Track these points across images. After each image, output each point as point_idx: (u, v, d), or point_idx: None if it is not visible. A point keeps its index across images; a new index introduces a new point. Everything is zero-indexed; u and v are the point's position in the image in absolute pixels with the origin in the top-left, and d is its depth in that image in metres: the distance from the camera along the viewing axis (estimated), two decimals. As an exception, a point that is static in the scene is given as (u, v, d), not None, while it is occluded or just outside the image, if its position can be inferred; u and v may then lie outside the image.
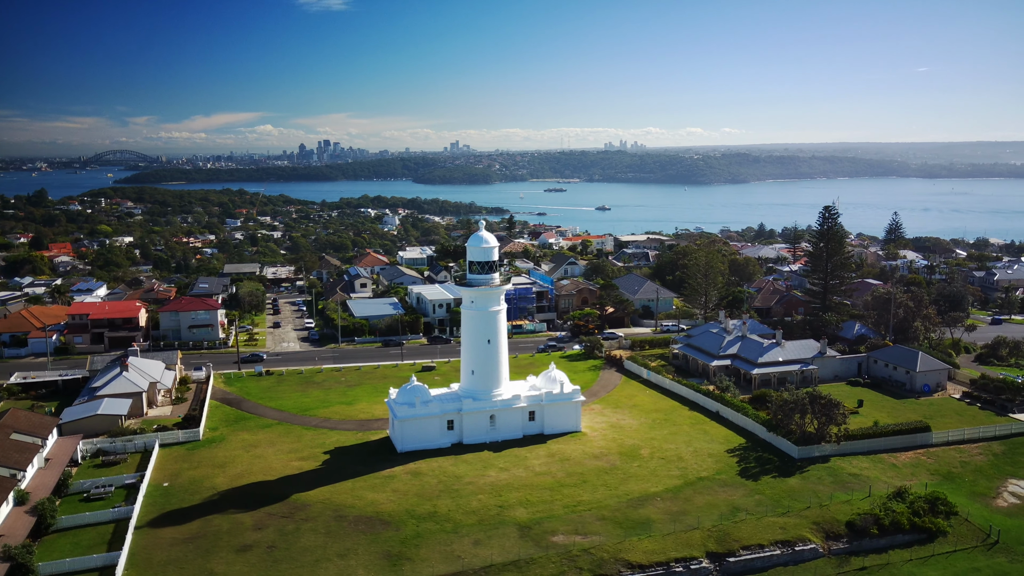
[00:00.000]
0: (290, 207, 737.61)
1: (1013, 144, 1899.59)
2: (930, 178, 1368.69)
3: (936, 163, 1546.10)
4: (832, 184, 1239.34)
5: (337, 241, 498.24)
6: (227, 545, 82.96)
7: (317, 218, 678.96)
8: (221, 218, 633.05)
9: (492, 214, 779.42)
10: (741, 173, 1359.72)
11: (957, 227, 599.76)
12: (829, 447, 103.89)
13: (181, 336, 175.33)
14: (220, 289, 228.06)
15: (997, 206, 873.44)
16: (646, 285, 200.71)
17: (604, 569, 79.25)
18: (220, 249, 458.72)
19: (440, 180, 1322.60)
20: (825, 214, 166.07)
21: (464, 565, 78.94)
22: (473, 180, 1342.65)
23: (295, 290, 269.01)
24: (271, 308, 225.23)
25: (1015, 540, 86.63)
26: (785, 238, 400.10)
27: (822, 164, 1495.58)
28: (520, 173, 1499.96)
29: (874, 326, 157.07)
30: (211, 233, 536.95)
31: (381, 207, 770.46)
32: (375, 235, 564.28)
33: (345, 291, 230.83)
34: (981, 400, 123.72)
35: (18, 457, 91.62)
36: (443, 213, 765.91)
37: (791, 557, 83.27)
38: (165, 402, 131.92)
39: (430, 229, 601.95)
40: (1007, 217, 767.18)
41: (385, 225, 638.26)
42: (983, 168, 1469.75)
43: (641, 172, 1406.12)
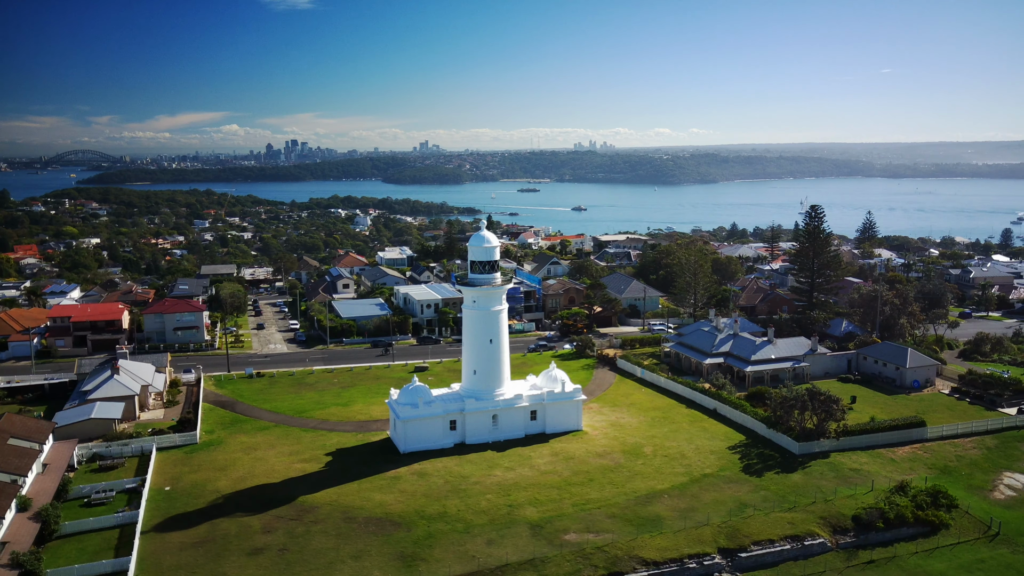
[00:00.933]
0: (259, 208, 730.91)
1: (974, 144, 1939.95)
2: (895, 178, 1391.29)
3: (900, 163, 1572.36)
4: (799, 184, 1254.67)
5: (309, 242, 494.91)
6: (237, 549, 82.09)
7: (287, 219, 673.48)
8: (189, 219, 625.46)
9: (464, 214, 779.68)
10: (710, 173, 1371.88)
11: (923, 226, 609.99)
12: (828, 443, 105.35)
13: (166, 338, 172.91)
14: (200, 291, 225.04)
15: (960, 205, 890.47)
16: (632, 284, 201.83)
17: (619, 566, 79.67)
18: (190, 250, 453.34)
19: (410, 180, 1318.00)
20: (811, 213, 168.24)
21: (480, 565, 78.88)
22: (444, 180, 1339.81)
23: (274, 291, 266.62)
24: (252, 310, 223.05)
25: (1015, 532, 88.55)
26: (759, 237, 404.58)
27: (789, 164, 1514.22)
28: (491, 173, 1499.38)
29: (860, 323, 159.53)
30: (180, 234, 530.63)
31: (352, 207, 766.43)
32: (347, 235, 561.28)
33: (327, 292, 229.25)
34: (970, 395, 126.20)
35: (18, 463, 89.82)
36: (415, 213, 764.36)
37: (801, 551, 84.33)
38: (157, 405, 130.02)
39: (403, 229, 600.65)
40: (971, 216, 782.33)
41: (357, 225, 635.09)
42: (946, 168, 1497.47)
43: (611, 172, 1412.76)
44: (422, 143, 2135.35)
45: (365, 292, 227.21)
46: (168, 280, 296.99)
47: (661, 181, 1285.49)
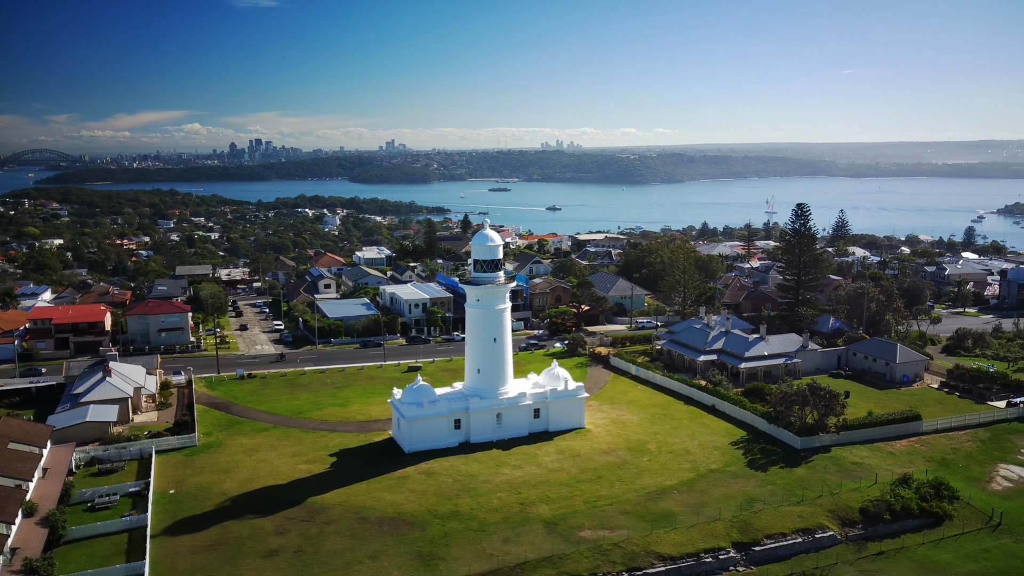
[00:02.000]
0: (225, 207, 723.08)
1: (934, 144, 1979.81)
2: (857, 177, 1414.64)
3: (863, 163, 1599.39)
4: (765, 183, 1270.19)
5: (278, 242, 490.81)
6: (251, 551, 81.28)
7: (254, 218, 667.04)
8: (153, 219, 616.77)
9: (433, 213, 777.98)
10: (676, 173, 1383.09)
11: (886, 225, 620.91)
12: (829, 437, 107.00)
13: (150, 340, 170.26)
14: (179, 292, 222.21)
15: (921, 204, 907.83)
16: (618, 283, 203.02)
17: (636, 562, 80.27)
18: (156, 251, 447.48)
19: (377, 179, 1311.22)
20: (798, 212, 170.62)
21: (499, 563, 78.94)
22: (411, 179, 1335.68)
23: (252, 292, 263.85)
24: (232, 311, 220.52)
25: (1015, 522, 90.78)
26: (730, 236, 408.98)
27: (754, 164, 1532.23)
28: (459, 172, 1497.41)
29: (847, 320, 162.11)
30: (145, 235, 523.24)
31: (319, 207, 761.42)
32: (316, 235, 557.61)
33: (309, 292, 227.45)
34: (959, 389, 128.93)
35: (21, 467, 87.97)
36: (383, 213, 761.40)
37: (812, 544, 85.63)
38: (150, 408, 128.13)
39: (372, 229, 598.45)
40: (932, 215, 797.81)
41: (326, 225, 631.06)
42: (907, 167, 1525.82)
43: (579, 172, 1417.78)
44: (388, 142, 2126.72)
45: (348, 292, 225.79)
46: (141, 281, 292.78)
47: (628, 181, 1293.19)
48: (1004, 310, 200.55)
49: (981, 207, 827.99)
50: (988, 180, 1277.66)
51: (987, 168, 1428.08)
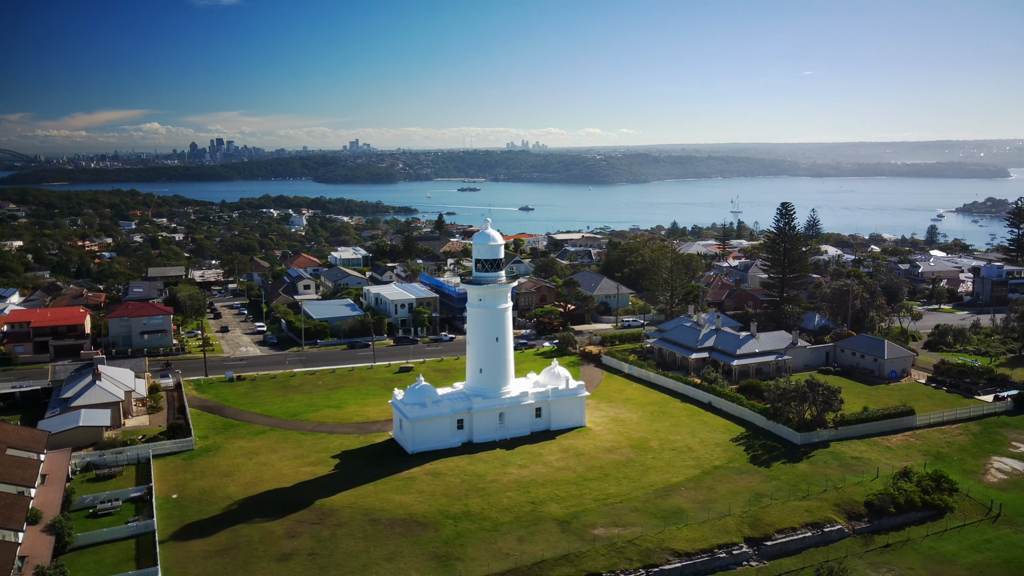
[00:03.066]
0: (188, 208, 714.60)
1: (892, 145, 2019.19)
2: (819, 177, 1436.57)
3: (824, 163, 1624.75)
4: (729, 183, 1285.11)
5: (244, 243, 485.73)
6: (264, 555, 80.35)
7: (218, 219, 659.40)
8: (114, 220, 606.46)
9: (400, 213, 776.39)
10: (642, 173, 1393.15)
11: (849, 223, 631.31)
12: (827, 433, 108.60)
13: (132, 343, 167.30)
14: (156, 293, 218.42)
15: (883, 203, 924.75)
16: (603, 282, 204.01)
17: (652, 558, 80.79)
18: (120, 252, 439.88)
19: (342, 179, 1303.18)
20: (782, 211, 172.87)
21: (517, 562, 78.93)
22: (377, 179, 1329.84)
23: (228, 293, 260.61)
24: (210, 312, 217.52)
25: (1014, 513, 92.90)
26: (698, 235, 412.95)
27: (718, 164, 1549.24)
28: (425, 172, 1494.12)
29: (832, 317, 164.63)
30: (107, 236, 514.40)
31: (284, 207, 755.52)
32: (283, 236, 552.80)
33: (288, 293, 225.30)
34: (947, 384, 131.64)
35: (22, 473, 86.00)
36: (350, 213, 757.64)
37: (821, 538, 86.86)
38: (141, 411, 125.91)
39: (340, 229, 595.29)
40: (893, 214, 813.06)
41: (292, 226, 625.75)
42: (867, 167, 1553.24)
43: (545, 172, 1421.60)
44: (352, 142, 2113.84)
45: (329, 293, 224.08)
46: (111, 283, 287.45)
47: (595, 181, 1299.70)
48: (978, 306, 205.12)
49: (940, 206, 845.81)
50: (945, 180, 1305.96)
51: (944, 168, 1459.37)
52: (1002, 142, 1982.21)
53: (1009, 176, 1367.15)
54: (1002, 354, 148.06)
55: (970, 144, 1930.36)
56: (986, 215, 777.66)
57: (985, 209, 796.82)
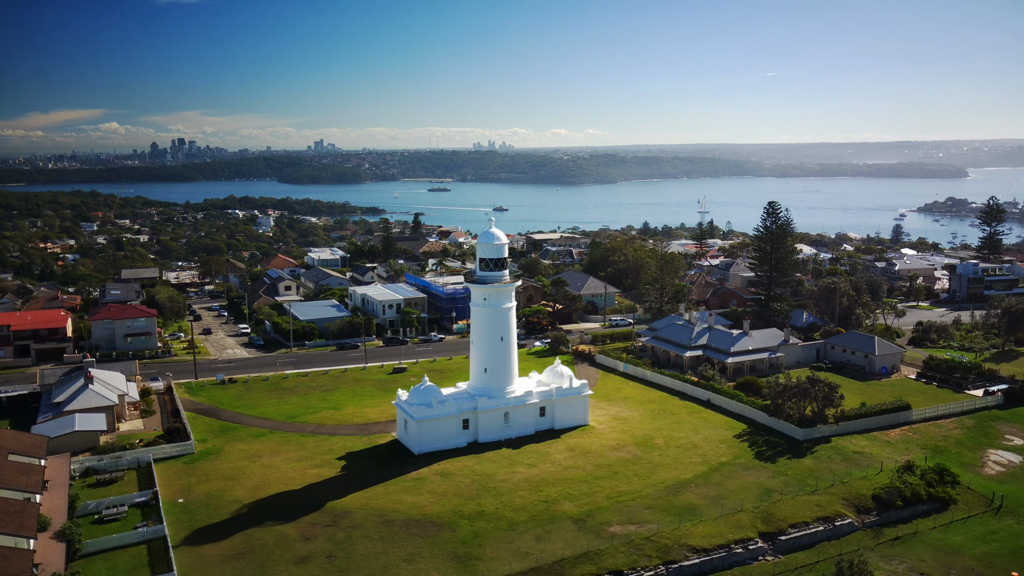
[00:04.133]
0: (151, 209, 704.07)
1: (853, 145, 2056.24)
2: (783, 177, 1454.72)
3: (788, 163, 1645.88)
4: (695, 184, 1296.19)
5: (210, 244, 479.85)
6: (281, 558, 79.38)
7: (182, 220, 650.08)
8: (75, 222, 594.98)
9: (368, 214, 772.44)
10: (609, 174, 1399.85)
11: (815, 223, 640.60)
12: (828, 428, 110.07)
13: (116, 346, 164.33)
14: (134, 295, 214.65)
15: (846, 203, 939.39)
16: (589, 281, 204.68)
17: (671, 555, 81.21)
18: (83, 254, 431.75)
19: (308, 180, 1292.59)
20: (769, 210, 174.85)
21: (537, 561, 78.85)
22: (343, 180, 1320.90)
23: (205, 295, 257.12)
24: (189, 315, 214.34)
25: (1015, 504, 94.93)
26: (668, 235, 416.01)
27: (684, 164, 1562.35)
28: (391, 172, 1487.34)
29: (819, 314, 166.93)
30: (70, 238, 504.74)
31: (250, 208, 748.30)
32: (250, 237, 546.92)
33: (268, 294, 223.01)
34: (936, 379, 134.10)
35: (27, 480, 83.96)
36: (317, 213, 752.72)
37: (833, 532, 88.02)
38: (134, 415, 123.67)
39: (308, 230, 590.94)
40: (856, 213, 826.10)
41: (259, 226, 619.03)
42: (830, 168, 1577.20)
43: (513, 172, 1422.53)
44: (317, 142, 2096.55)
45: (311, 294, 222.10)
46: (82, 286, 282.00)
47: (562, 181, 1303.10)
48: (956, 303, 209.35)
49: (902, 205, 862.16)
50: (906, 180, 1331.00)
51: (904, 168, 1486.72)
52: (960, 143, 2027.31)
53: (967, 176, 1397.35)
54: (986, 349, 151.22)
55: (929, 145, 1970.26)
56: (947, 214, 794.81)
57: (946, 208, 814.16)
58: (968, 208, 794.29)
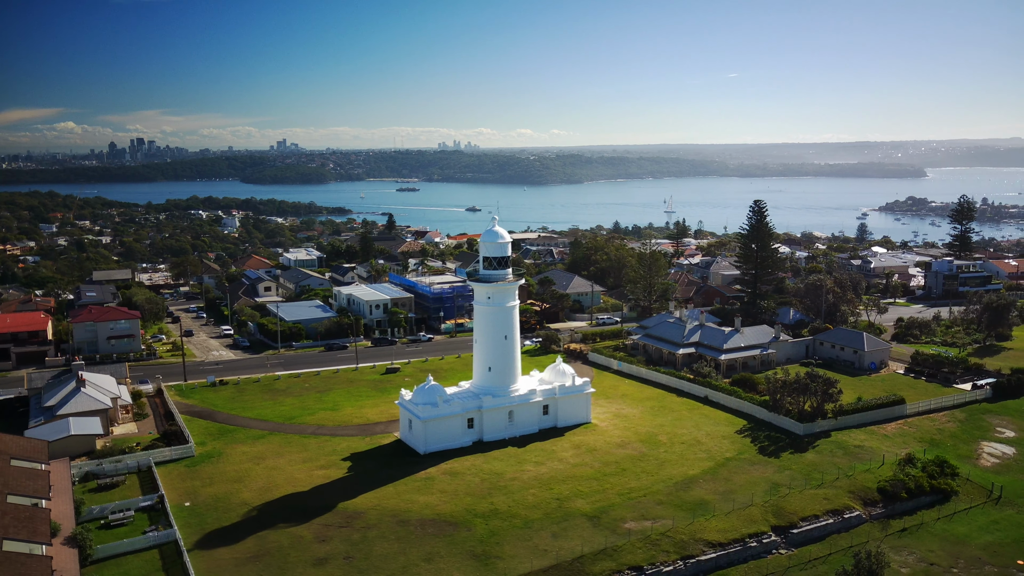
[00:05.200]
0: (111, 210, 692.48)
1: (815, 146, 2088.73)
2: (747, 177, 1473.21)
3: (751, 163, 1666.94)
4: (660, 184, 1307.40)
5: (175, 245, 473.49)
6: (298, 560, 78.55)
7: (144, 221, 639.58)
8: (34, 223, 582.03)
9: (335, 214, 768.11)
10: (575, 174, 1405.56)
11: (780, 222, 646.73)
12: (827, 423, 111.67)
13: (99, 348, 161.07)
14: (110, 297, 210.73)
15: (809, 203, 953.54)
16: (575, 280, 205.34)
17: (688, 550, 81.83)
18: (44, 256, 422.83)
19: (271, 180, 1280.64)
20: (755, 208, 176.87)
21: (556, 558, 78.93)
22: (307, 180, 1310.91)
23: (180, 296, 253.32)
24: (168, 316, 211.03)
25: (1013, 494, 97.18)
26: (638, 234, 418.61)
27: (649, 164, 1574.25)
28: (356, 172, 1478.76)
29: (805, 311, 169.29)
30: (29, 239, 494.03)
31: (213, 208, 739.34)
32: (215, 238, 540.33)
33: (248, 295, 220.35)
34: (925, 374, 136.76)
35: (34, 485, 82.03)
36: (283, 214, 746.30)
37: (842, 525, 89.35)
38: (127, 419, 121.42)
39: (274, 231, 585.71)
40: (820, 213, 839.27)
41: (225, 227, 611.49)
42: (792, 168, 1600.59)
43: (480, 172, 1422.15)
44: (280, 142, 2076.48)
45: (293, 295, 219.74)
46: (51, 288, 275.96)
47: (529, 181, 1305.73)
48: (932, 300, 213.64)
49: (863, 205, 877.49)
50: (866, 179, 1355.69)
51: (865, 168, 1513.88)
52: (917, 143, 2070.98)
53: (926, 176, 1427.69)
54: (969, 344, 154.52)
55: (887, 145, 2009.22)
56: (907, 213, 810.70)
57: (906, 207, 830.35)
58: (928, 207, 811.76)
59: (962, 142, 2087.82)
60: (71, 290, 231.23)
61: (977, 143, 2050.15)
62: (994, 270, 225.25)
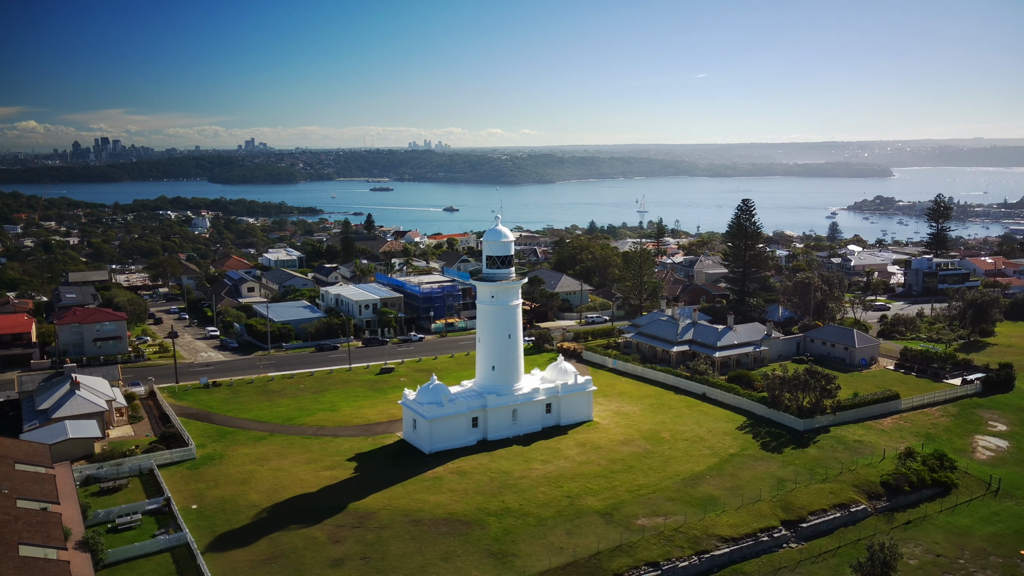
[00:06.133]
0: (78, 211, 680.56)
1: (783, 146, 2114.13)
2: (717, 177, 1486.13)
3: (721, 163, 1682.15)
4: (631, 183, 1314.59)
5: (145, 246, 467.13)
6: (314, 561, 78.07)
7: (112, 222, 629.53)
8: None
9: (306, 214, 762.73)
10: (547, 174, 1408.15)
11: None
12: (825, 419, 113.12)
13: (85, 350, 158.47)
14: (90, 299, 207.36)
15: (778, 202, 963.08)
16: (563, 279, 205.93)
17: (702, 545, 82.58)
18: (10, 258, 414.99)
19: (240, 180, 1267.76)
20: (743, 208, 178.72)
21: (574, 555, 79.21)
22: (276, 180, 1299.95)
23: (160, 297, 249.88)
24: (150, 318, 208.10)
25: (1011, 486, 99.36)
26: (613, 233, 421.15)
27: (620, 164, 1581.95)
28: (326, 172, 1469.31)
29: (793, 309, 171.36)
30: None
31: (182, 209, 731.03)
32: (186, 239, 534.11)
33: (231, 296, 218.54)
34: (915, 370, 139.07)
35: (42, 489, 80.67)
36: (253, 214, 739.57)
37: (849, 518, 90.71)
38: (122, 421, 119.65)
39: (246, 231, 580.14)
40: (790, 212, 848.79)
41: (195, 228, 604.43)
42: (761, 167, 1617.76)
43: (452, 172, 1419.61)
44: (248, 141, 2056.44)
45: (278, 295, 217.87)
46: (24, 290, 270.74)
47: (502, 181, 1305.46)
48: (912, 297, 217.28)
49: (832, 204, 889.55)
50: (834, 179, 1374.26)
51: (832, 168, 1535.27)
52: (884, 143, 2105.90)
53: (892, 175, 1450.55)
54: (954, 340, 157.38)
55: (854, 145, 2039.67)
56: (876, 212, 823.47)
57: (874, 207, 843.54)
58: (896, 206, 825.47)
59: (926, 142, 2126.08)
60: (50, 292, 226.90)
61: (941, 143, 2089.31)
62: (971, 267, 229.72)
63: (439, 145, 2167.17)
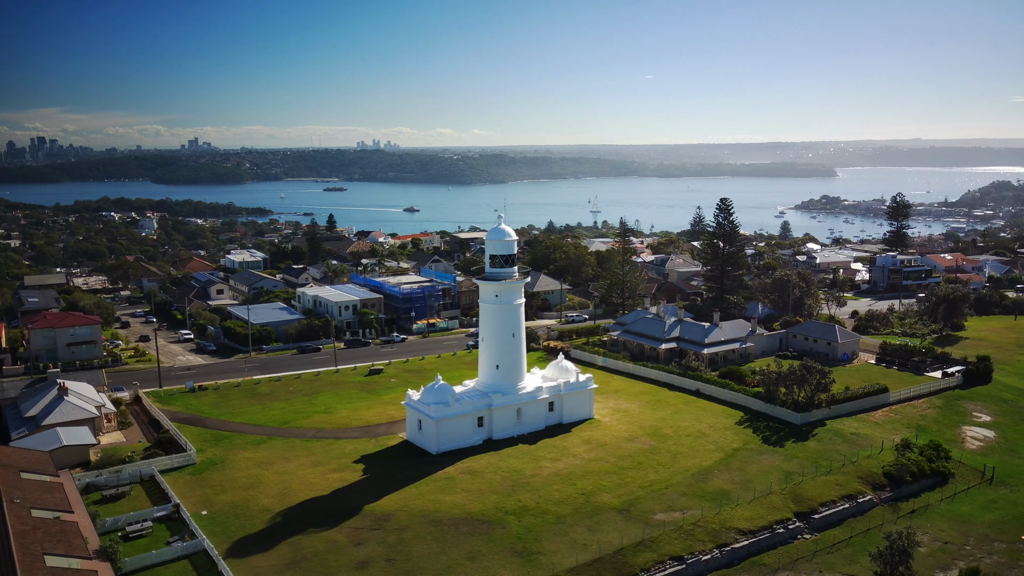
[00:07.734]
0: (16, 212, 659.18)
1: (730, 146, 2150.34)
2: (666, 177, 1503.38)
3: (670, 163, 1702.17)
4: (583, 184, 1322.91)
5: (91, 248, 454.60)
6: (339, 565, 77.18)
7: (53, 224, 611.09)
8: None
9: (255, 215, 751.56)
10: (499, 174, 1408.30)
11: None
12: (821, 412, 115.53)
13: (58, 355, 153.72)
14: (53, 302, 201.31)
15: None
16: (541, 278, 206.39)
17: (722, 538, 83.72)
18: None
19: (185, 180, 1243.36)
20: (721, 206, 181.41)
21: (599, 551, 79.63)
22: (223, 180, 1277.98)
23: (123, 300, 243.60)
24: (116, 322, 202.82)
25: (1004, 475, 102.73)
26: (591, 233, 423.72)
27: (572, 165, 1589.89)
28: (274, 172, 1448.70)
29: (773, 306, 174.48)
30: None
31: (126, 210, 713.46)
32: (133, 240, 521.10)
33: (200, 298, 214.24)
34: (896, 364, 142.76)
35: (53, 498, 78.07)
36: (200, 215, 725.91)
37: (856, 509, 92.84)
38: (111, 428, 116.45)
39: (195, 232, 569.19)
40: (740, 211, 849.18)
41: (142, 229, 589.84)
42: (710, 168, 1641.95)
43: (402, 172, 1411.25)
44: (191, 140, 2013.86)
45: (248, 297, 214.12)
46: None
47: (453, 181, 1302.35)
48: (878, 293, 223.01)
49: (779, 203, 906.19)
50: (780, 179, 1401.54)
51: (778, 168, 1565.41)
52: (827, 143, 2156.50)
53: (836, 175, 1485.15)
54: (928, 335, 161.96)
55: (799, 146, 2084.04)
56: (822, 211, 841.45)
57: (821, 206, 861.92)
58: (841, 205, 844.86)
59: (868, 143, 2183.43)
60: (9, 296, 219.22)
61: (882, 144, 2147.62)
62: (932, 264, 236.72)
63: (388, 145, 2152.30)
